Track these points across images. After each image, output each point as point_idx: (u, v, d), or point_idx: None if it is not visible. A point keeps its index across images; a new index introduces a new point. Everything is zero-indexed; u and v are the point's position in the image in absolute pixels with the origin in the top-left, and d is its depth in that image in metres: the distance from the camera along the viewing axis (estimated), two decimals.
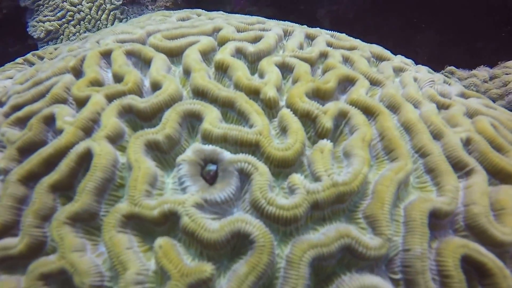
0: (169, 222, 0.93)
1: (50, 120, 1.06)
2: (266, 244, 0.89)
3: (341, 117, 1.10)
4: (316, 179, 0.99)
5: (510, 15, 2.98)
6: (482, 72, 2.38)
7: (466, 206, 1.04)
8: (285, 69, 1.18)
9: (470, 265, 0.99)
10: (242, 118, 1.05)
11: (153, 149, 1.00)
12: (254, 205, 0.94)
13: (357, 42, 1.37)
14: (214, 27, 1.29)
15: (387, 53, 1.37)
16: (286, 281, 0.89)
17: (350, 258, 0.95)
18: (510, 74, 2.17)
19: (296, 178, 0.97)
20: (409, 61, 1.44)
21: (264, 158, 1.01)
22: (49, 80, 1.16)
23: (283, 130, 1.05)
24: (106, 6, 3.03)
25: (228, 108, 1.07)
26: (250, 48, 1.20)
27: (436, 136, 1.14)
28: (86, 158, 0.98)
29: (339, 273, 0.95)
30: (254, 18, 1.46)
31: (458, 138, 1.13)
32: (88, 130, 1.03)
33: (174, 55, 1.21)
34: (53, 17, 3.19)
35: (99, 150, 0.96)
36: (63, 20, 3.16)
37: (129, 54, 1.17)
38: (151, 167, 0.96)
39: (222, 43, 1.24)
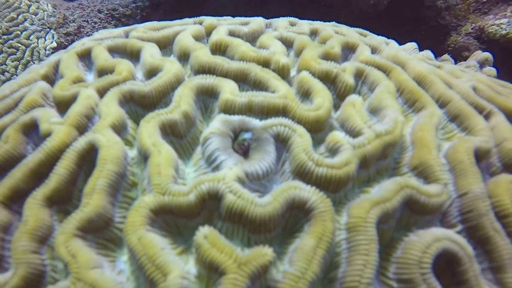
0: (204, 212, 0.77)
1: (30, 129, 0.87)
2: (327, 210, 0.77)
3: (358, 77, 1.04)
4: (356, 133, 0.89)
5: None
6: None
7: (498, 145, 1.00)
8: (285, 43, 1.11)
9: None
10: (259, 88, 0.94)
11: (168, 133, 0.85)
12: (300, 170, 0.82)
13: (334, 23, 1.36)
14: (195, 20, 1.21)
15: (364, 31, 1.37)
16: (355, 250, 0.75)
17: (409, 216, 0.85)
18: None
19: (337, 135, 0.87)
20: None
21: (296, 122, 0.89)
22: (16, 92, 0.97)
23: (305, 94, 0.96)
24: (34, 63, 2.81)
25: (241, 82, 0.96)
26: (244, 28, 1.12)
27: (447, 86, 1.11)
28: (88, 158, 0.80)
29: (400, 236, 0.82)
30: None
31: (467, 85, 1.12)
32: (83, 128, 0.85)
33: (162, 46, 1.09)
34: None
35: (105, 141, 0.79)
36: None
37: (112, 50, 1.03)
38: (172, 150, 0.81)
39: (210, 31, 1.15)
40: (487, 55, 1.94)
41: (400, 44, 1.40)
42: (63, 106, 0.91)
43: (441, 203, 0.85)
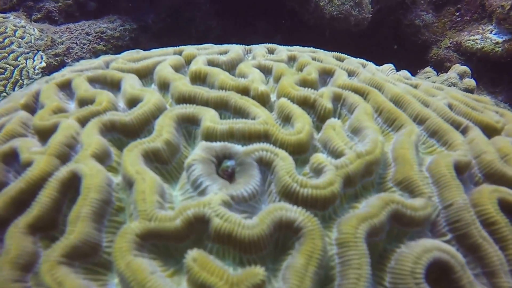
0: (193, 235, 0.76)
1: (10, 158, 0.85)
2: (315, 228, 0.77)
3: (336, 101, 1.07)
4: (338, 154, 0.91)
5: None
6: None
7: (477, 157, 1.03)
8: (263, 71, 1.14)
9: (505, 211, 0.95)
10: (240, 114, 0.95)
11: (152, 160, 0.85)
12: (286, 192, 0.82)
13: (312, 49, 1.40)
14: (174, 50, 1.23)
15: (342, 55, 1.42)
16: (347, 265, 0.76)
17: (399, 228, 0.86)
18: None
19: (320, 156, 0.89)
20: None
21: (278, 146, 0.91)
22: None
23: (286, 118, 0.98)
24: (23, 81, 2.79)
25: (221, 109, 0.97)
26: (222, 57, 1.15)
27: (423, 105, 1.15)
28: (72, 186, 0.79)
29: (392, 248, 0.84)
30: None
31: (443, 103, 1.16)
32: (65, 157, 0.84)
33: (142, 76, 1.10)
34: None
35: (88, 170, 0.78)
36: None
37: (92, 81, 1.03)
38: (156, 177, 0.80)
39: (189, 60, 1.16)
40: (465, 68, 2.03)
41: (379, 64, 1.45)
42: (44, 135, 0.90)
43: (427, 215, 0.87)
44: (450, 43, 3.43)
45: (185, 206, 0.75)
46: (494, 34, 3.14)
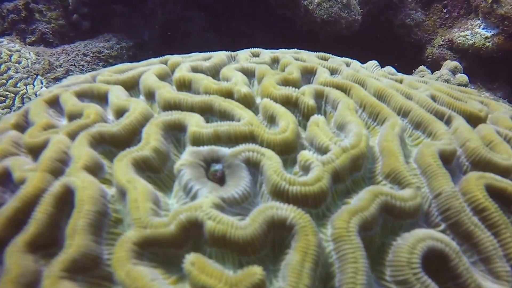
0: (191, 240, 0.77)
1: (4, 178, 0.86)
2: (307, 224, 0.78)
3: (319, 98, 1.09)
4: (324, 150, 0.93)
5: None
6: None
7: (462, 146, 1.06)
8: (246, 74, 1.16)
9: (493, 197, 0.97)
10: (225, 117, 0.97)
11: (143, 169, 0.86)
12: (275, 191, 0.84)
13: (296, 50, 1.43)
14: (160, 60, 1.24)
15: (326, 54, 1.44)
16: (344, 259, 0.78)
17: (392, 221, 0.88)
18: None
19: (307, 154, 0.91)
20: None
21: (265, 147, 0.92)
22: None
23: (271, 118, 1.00)
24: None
25: (207, 114, 0.99)
26: (205, 63, 1.17)
27: (406, 98, 1.18)
28: (67, 201, 0.80)
29: (389, 242, 0.86)
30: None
31: (425, 95, 1.19)
32: (57, 172, 0.85)
33: (129, 87, 1.11)
34: None
35: (80, 182, 0.79)
36: None
37: (80, 95, 1.04)
38: (148, 184, 0.82)
39: (174, 68, 1.18)
40: (456, 63, 2.07)
41: (363, 63, 1.48)
42: (35, 153, 0.91)
43: (417, 205, 0.89)
44: (443, 41, 3.44)
45: (178, 210, 0.77)
46: (483, 29, 3.12)
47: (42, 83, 2.82)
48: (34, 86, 2.78)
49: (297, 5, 3.17)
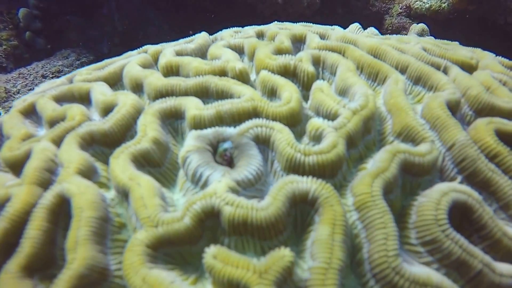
0: (206, 233, 0.70)
1: None
2: (331, 194, 0.72)
3: (316, 64, 1.03)
4: (333, 115, 0.87)
5: None
6: None
7: (464, 95, 1.02)
8: (235, 50, 1.08)
9: (503, 141, 0.93)
10: (223, 97, 0.90)
11: (143, 164, 0.78)
12: (291, 165, 0.77)
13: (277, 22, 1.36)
14: (139, 51, 1.15)
15: (308, 23, 1.38)
16: (371, 226, 0.72)
17: (411, 180, 0.83)
18: None
19: (317, 121, 0.84)
20: None
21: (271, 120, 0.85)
22: None
23: (271, 92, 0.93)
24: None
25: (203, 97, 0.91)
26: (190, 45, 1.08)
27: (400, 52, 1.13)
28: (62, 212, 0.71)
29: (409, 203, 0.81)
30: None
31: (418, 48, 1.15)
32: (46, 183, 0.76)
33: (112, 83, 1.02)
34: None
35: (75, 188, 0.70)
36: None
37: (59, 99, 0.94)
38: (152, 180, 0.74)
39: (157, 57, 1.09)
40: (422, 26, 2.03)
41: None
42: (17, 167, 0.81)
43: (435, 159, 0.84)
44: (401, 8, 3.42)
45: (191, 201, 0.69)
46: None
47: (0, 113, 2.64)
48: None
49: None
